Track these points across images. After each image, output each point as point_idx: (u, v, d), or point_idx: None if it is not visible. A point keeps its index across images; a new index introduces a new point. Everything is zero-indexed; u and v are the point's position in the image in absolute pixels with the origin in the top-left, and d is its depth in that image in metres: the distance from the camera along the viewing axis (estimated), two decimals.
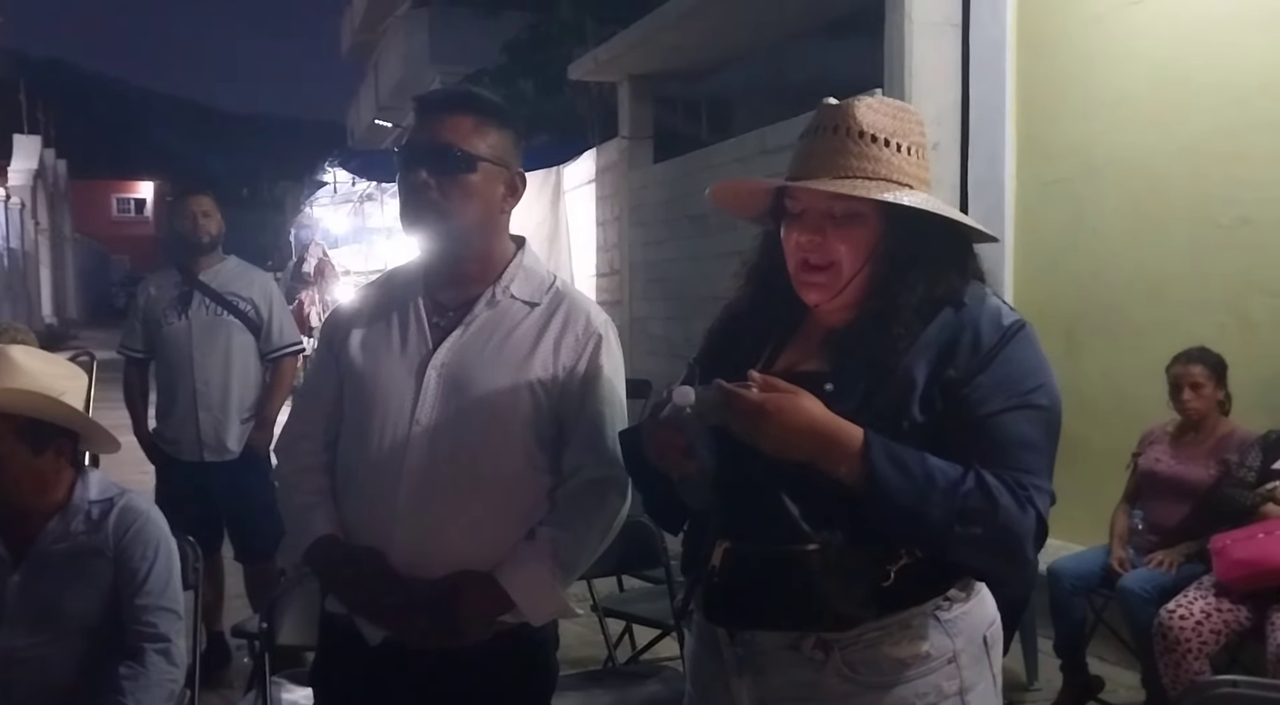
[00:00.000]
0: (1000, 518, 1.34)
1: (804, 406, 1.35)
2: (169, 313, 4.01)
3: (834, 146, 1.46)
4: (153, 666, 2.11)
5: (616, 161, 9.08)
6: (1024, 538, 1.36)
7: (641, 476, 1.60)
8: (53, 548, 2.14)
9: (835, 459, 1.35)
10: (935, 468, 1.34)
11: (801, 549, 1.39)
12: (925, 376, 1.40)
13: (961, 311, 1.44)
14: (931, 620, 1.44)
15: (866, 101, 1.48)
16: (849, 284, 1.47)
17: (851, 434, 1.35)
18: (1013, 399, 1.39)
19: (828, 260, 1.47)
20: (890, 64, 5.02)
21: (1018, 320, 1.45)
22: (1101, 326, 4.48)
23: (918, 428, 1.39)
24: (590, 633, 3.67)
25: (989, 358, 1.41)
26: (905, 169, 1.46)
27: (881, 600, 1.40)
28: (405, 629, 1.68)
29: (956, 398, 1.39)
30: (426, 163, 1.71)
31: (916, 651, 1.43)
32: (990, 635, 1.51)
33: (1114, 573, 3.68)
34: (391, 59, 19.97)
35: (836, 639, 1.43)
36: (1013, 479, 1.36)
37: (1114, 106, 4.41)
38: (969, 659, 1.47)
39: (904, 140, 1.47)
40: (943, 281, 1.45)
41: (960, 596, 1.47)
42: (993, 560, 1.41)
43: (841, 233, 1.46)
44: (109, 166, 53.47)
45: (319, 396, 1.86)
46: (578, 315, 1.79)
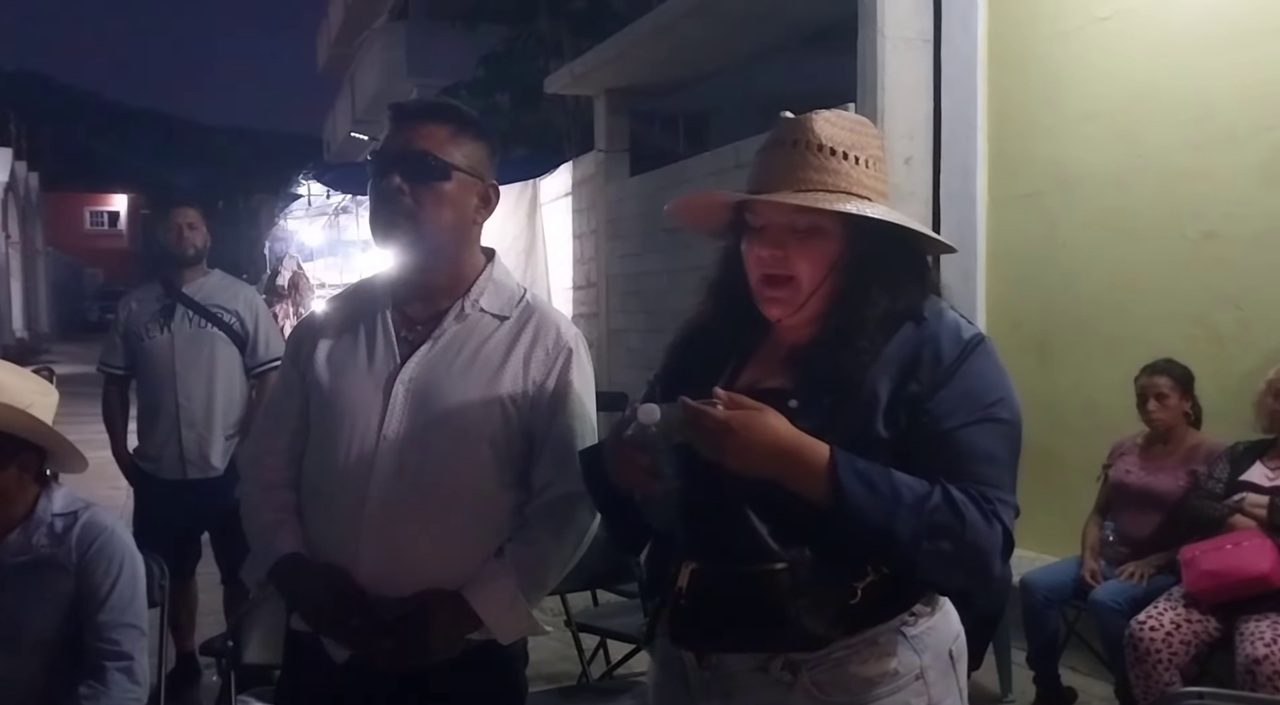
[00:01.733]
0: (968, 533, 1.34)
1: (769, 424, 1.35)
2: (150, 326, 3.90)
3: (794, 160, 1.46)
4: (114, 685, 2.07)
5: (593, 174, 9.10)
6: (991, 552, 1.36)
7: (601, 496, 1.58)
8: (12, 560, 2.10)
9: (801, 476, 1.35)
10: (902, 483, 1.34)
11: (770, 568, 1.38)
12: (888, 392, 1.40)
13: (922, 326, 1.44)
14: (898, 637, 1.44)
15: (824, 115, 1.48)
16: (810, 298, 1.47)
17: (818, 451, 1.35)
18: (975, 413, 1.40)
19: (789, 274, 1.46)
20: (863, 78, 5.05)
21: (977, 334, 1.46)
22: (1073, 339, 4.52)
23: (882, 443, 1.39)
24: (564, 648, 3.65)
25: (950, 372, 1.41)
26: (864, 182, 1.47)
27: (850, 619, 1.40)
28: (371, 649, 1.66)
29: (919, 413, 1.39)
30: (401, 169, 1.69)
31: (884, 669, 1.43)
32: (955, 649, 1.51)
33: (1086, 584, 3.70)
34: (368, 72, 19.93)
35: (804, 659, 1.42)
36: (978, 493, 1.36)
37: (1083, 121, 4.45)
38: (936, 675, 1.46)
39: (862, 153, 1.47)
40: (903, 295, 1.46)
41: (925, 611, 1.47)
42: (960, 576, 1.40)
43: (803, 247, 1.46)
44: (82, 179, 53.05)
45: (285, 412, 1.83)
46: (548, 329, 1.78)
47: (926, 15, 4.97)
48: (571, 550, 1.76)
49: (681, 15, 7.32)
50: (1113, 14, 4.34)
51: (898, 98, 4.93)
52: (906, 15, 4.96)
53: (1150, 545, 3.67)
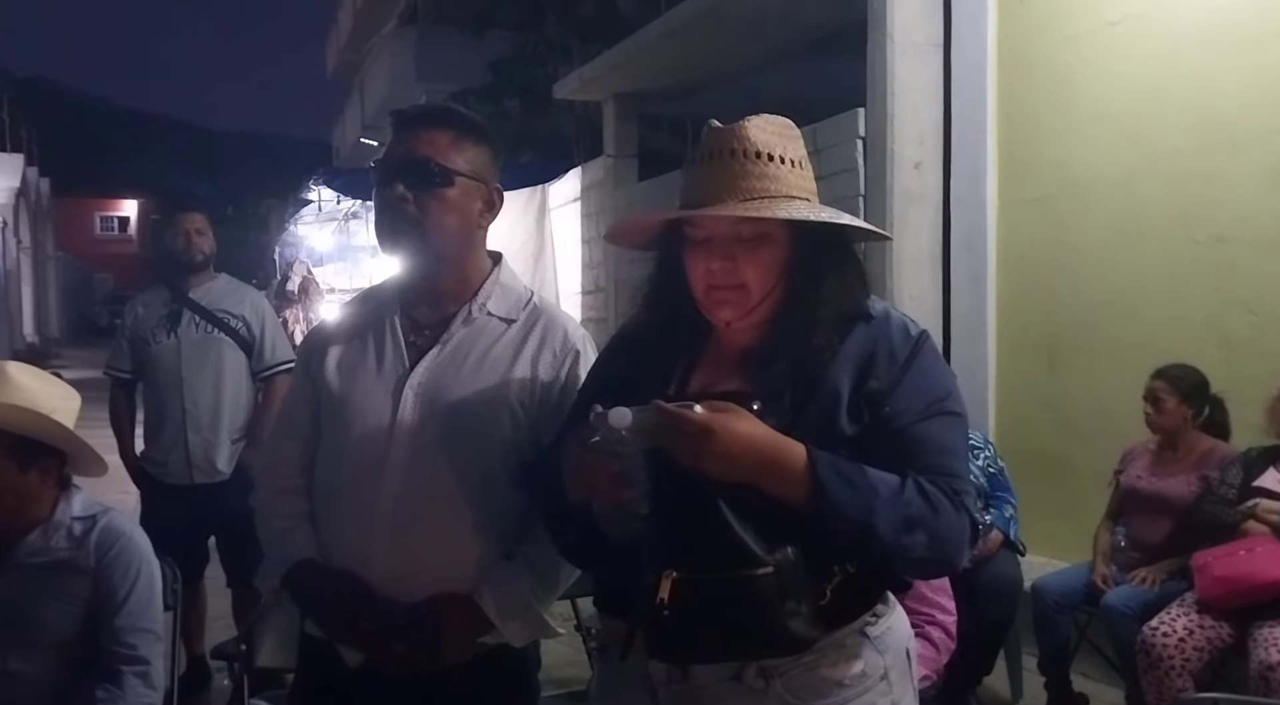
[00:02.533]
0: (941, 522, 1.36)
1: (747, 426, 1.35)
2: (157, 331, 3.91)
3: (733, 170, 1.45)
4: (130, 689, 2.08)
5: (601, 180, 9.11)
6: (963, 539, 1.39)
7: (547, 506, 1.56)
8: (30, 561, 2.12)
9: (780, 477, 1.35)
10: (877, 479, 1.36)
11: (755, 573, 1.36)
12: (849, 388, 1.42)
13: (871, 323, 1.48)
14: (862, 638, 1.46)
15: (755, 122, 1.48)
16: (760, 303, 1.48)
17: (795, 451, 1.35)
18: (932, 407, 1.43)
19: (738, 283, 1.46)
20: (873, 83, 5.05)
21: (922, 332, 1.50)
22: (1082, 343, 4.51)
23: (846, 439, 1.40)
24: (574, 652, 3.65)
25: (905, 368, 1.44)
26: (799, 184, 1.48)
27: (824, 620, 1.40)
28: (384, 653, 1.67)
29: (881, 407, 1.42)
30: (403, 177, 1.70)
31: (852, 671, 1.44)
32: (910, 648, 1.54)
33: (1097, 590, 3.69)
34: (377, 78, 19.98)
35: (777, 666, 1.42)
36: (945, 484, 1.39)
37: (1093, 125, 4.45)
38: (897, 674, 1.49)
39: (793, 155, 1.49)
40: (849, 294, 1.48)
41: (884, 611, 1.50)
42: (933, 565, 1.44)
43: (752, 255, 1.46)
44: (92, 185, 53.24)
45: (296, 419, 1.84)
46: (555, 331, 1.79)
47: (936, 20, 4.97)
48: None
49: (690, 20, 7.33)
50: (1122, 18, 4.34)
51: (907, 102, 4.93)
52: (916, 20, 4.96)
53: (1162, 551, 3.66)
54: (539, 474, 1.56)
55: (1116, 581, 3.69)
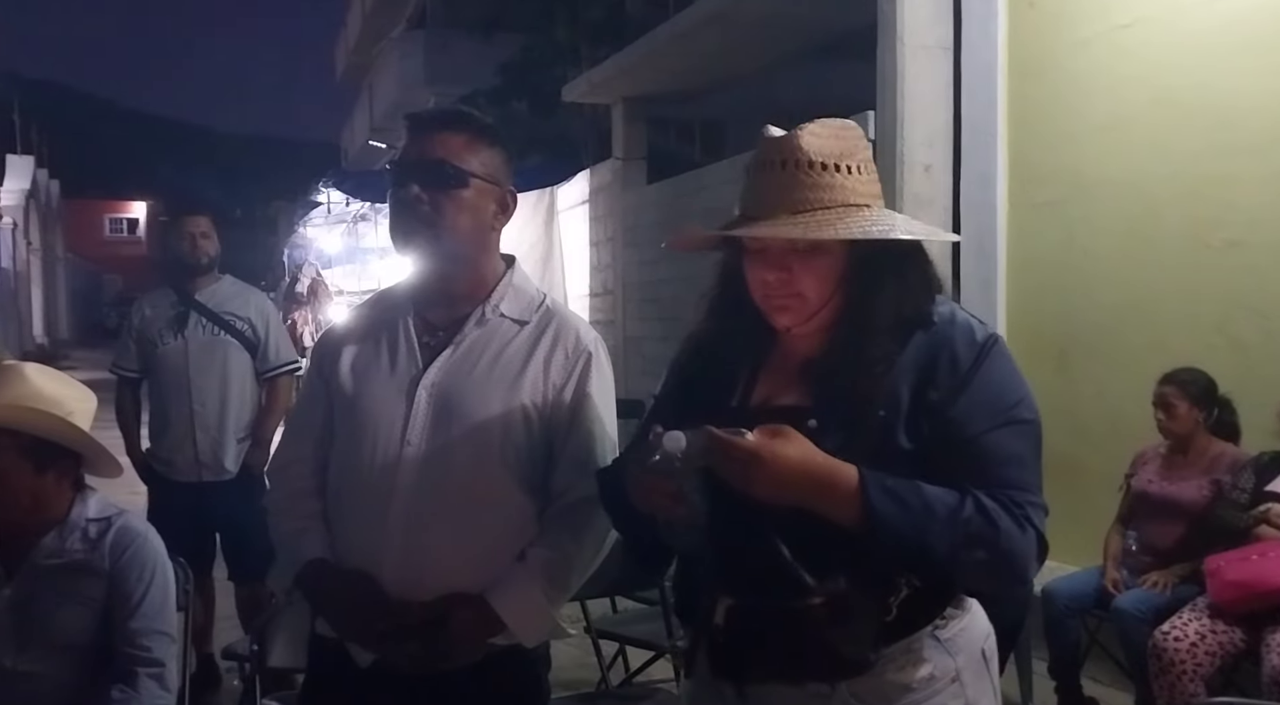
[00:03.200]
0: (1002, 541, 1.33)
1: (798, 451, 1.33)
2: (165, 333, 3.96)
3: (786, 181, 1.43)
4: (145, 691, 2.09)
5: (610, 182, 9.12)
6: (1027, 556, 1.36)
7: (621, 517, 1.57)
8: (46, 563, 2.13)
9: (832, 501, 1.33)
10: (933, 497, 1.33)
11: (807, 603, 1.37)
12: (908, 401, 1.40)
13: (932, 331, 1.44)
14: (932, 641, 1.44)
15: (810, 129, 1.45)
16: (819, 311, 1.46)
17: (846, 474, 1.33)
18: (998, 417, 1.39)
19: (794, 292, 1.45)
20: (883, 86, 5.05)
21: (991, 335, 1.45)
22: (1094, 347, 4.49)
23: (906, 455, 1.38)
24: (583, 655, 3.65)
25: (969, 377, 1.40)
26: (859, 189, 1.45)
27: (887, 635, 1.40)
28: (396, 653, 1.67)
29: (942, 420, 1.39)
30: (419, 177, 1.71)
31: (921, 675, 1.43)
32: (988, 648, 1.51)
33: (1108, 594, 3.68)
34: (386, 80, 20.03)
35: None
36: (1008, 499, 1.35)
37: (1105, 129, 4.44)
38: (971, 675, 1.46)
39: (852, 160, 1.45)
40: (910, 301, 1.45)
41: (956, 613, 1.47)
42: (997, 582, 1.41)
43: (807, 265, 1.44)
44: (102, 187, 53.46)
45: (309, 420, 1.85)
46: (567, 333, 1.79)
47: (946, 23, 4.97)
48: (593, 554, 1.76)
49: (699, 23, 7.34)
50: (1134, 21, 4.32)
51: (917, 105, 4.93)
52: (926, 23, 4.95)
53: (1174, 555, 3.64)
54: (610, 482, 1.55)
55: (1127, 585, 3.68)
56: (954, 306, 1.49)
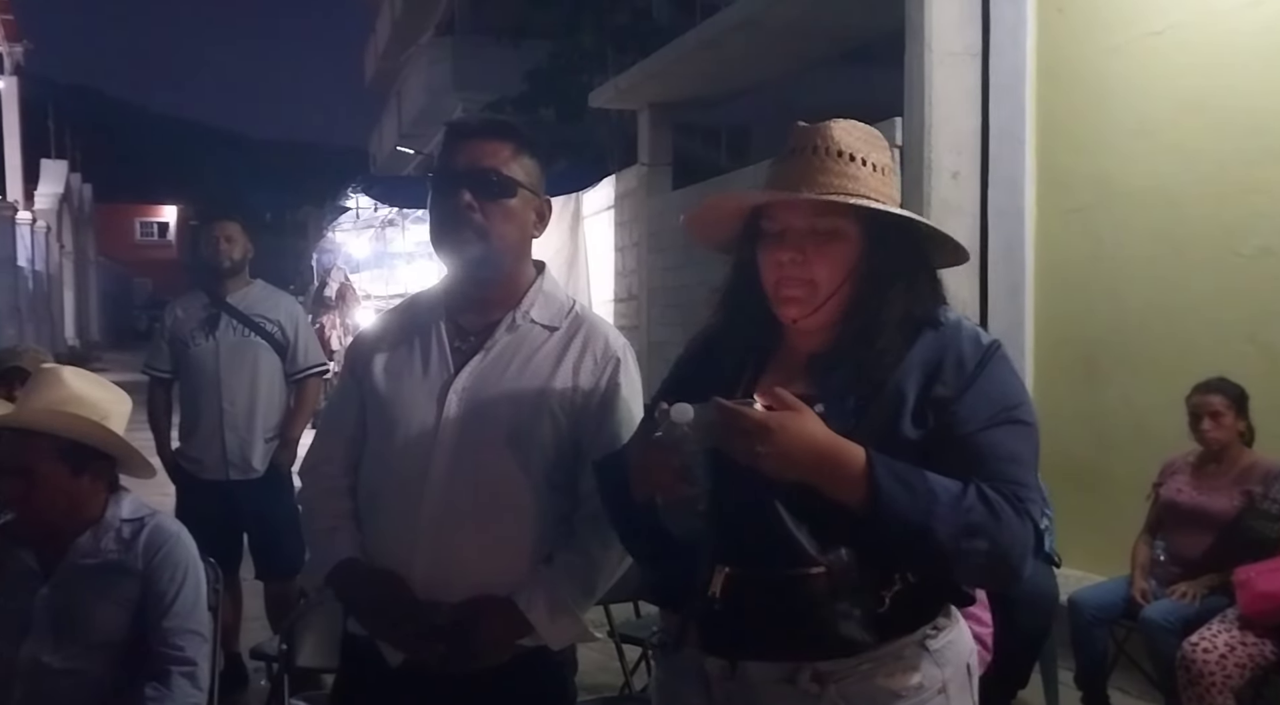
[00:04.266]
0: (1003, 530, 1.35)
1: (806, 425, 1.35)
2: (196, 334, 4.05)
3: (813, 165, 1.47)
4: (178, 689, 2.12)
5: (635, 188, 9.14)
6: (1025, 549, 1.38)
7: (617, 506, 1.58)
8: (82, 563, 2.17)
9: (838, 479, 1.35)
10: (937, 484, 1.35)
11: (807, 573, 1.38)
12: (915, 394, 1.42)
13: (941, 331, 1.47)
14: (921, 650, 1.45)
15: (840, 124, 1.51)
16: (827, 301, 1.48)
17: (854, 453, 1.35)
18: (1000, 414, 1.42)
19: (807, 277, 1.47)
20: (910, 92, 5.04)
21: (995, 341, 1.49)
22: (1122, 355, 4.47)
23: (910, 444, 1.40)
24: (607, 659, 3.66)
25: (974, 376, 1.43)
26: (879, 188, 1.49)
27: (879, 627, 1.40)
28: (425, 653, 1.69)
29: (947, 414, 1.41)
30: (470, 186, 1.73)
31: (909, 683, 1.43)
32: (972, 664, 1.53)
33: (1136, 604, 3.65)
34: (414, 87, 20.18)
35: (832, 671, 1.42)
36: (1009, 491, 1.37)
37: (1134, 135, 4.41)
38: (956, 688, 1.48)
39: (875, 161, 1.50)
40: (920, 300, 1.48)
41: (946, 624, 1.48)
42: (995, 574, 1.42)
43: (822, 250, 1.47)
44: (133, 191, 54.04)
45: (342, 420, 1.87)
46: (596, 339, 1.81)
47: (974, 29, 4.95)
48: (619, 558, 1.77)
49: (726, 30, 7.35)
50: (1166, 28, 4.30)
51: (945, 111, 4.91)
52: (954, 29, 4.94)
53: (1203, 565, 3.60)
54: (608, 472, 1.57)
55: (1156, 596, 3.65)
56: (960, 315, 1.53)
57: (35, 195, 24.84)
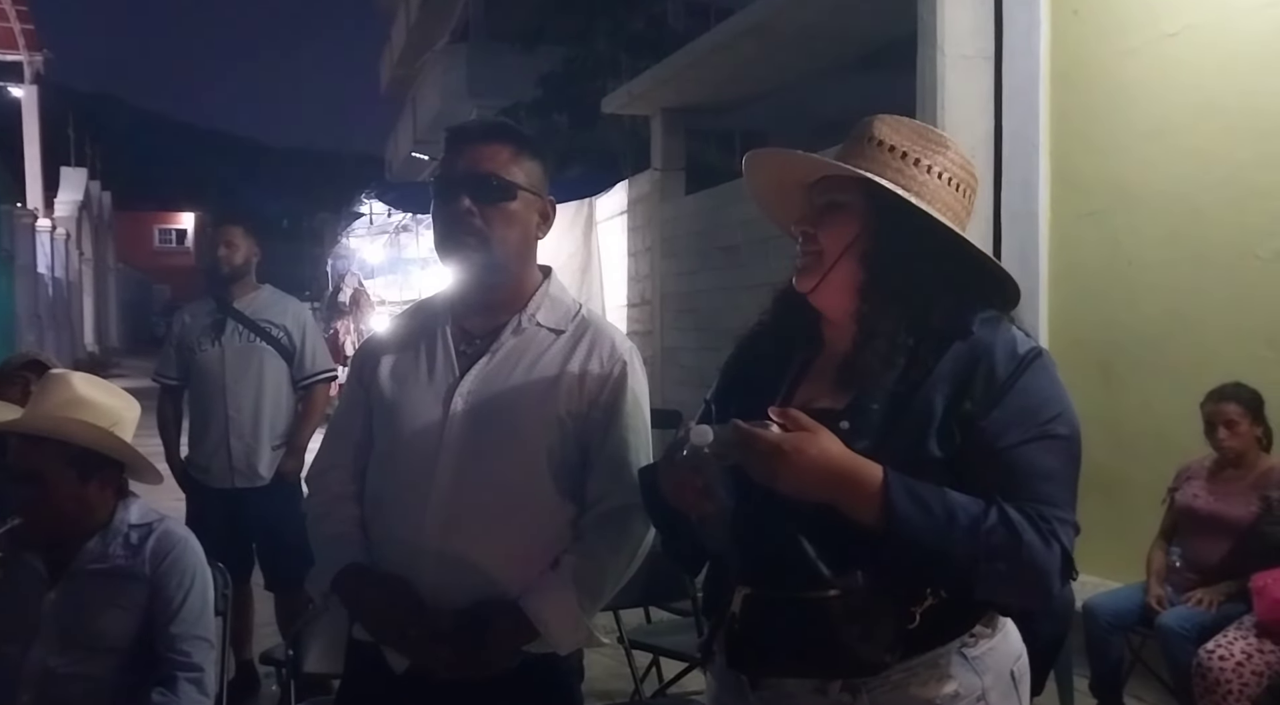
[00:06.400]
0: (1024, 554, 1.32)
1: (822, 446, 1.33)
2: (202, 340, 4.04)
3: (844, 149, 1.52)
4: (185, 695, 2.12)
5: (649, 193, 9.14)
6: (1049, 572, 1.34)
7: (659, 515, 1.58)
8: (89, 567, 2.17)
9: (854, 499, 1.33)
10: (957, 504, 1.32)
11: (822, 596, 1.37)
12: (942, 410, 1.39)
13: (971, 341, 1.42)
14: (958, 658, 1.42)
15: (886, 118, 1.53)
16: (831, 271, 1.48)
17: (871, 473, 1.33)
18: (1031, 430, 1.38)
19: (816, 248, 1.50)
20: (922, 96, 5.01)
21: (1033, 349, 1.43)
22: (1138, 360, 4.42)
23: (936, 463, 1.37)
24: (617, 665, 3.65)
25: (1005, 389, 1.39)
26: (917, 177, 1.48)
27: (907, 642, 1.38)
28: (431, 658, 1.68)
29: (974, 431, 1.38)
30: (469, 191, 1.73)
31: (945, 691, 1.41)
32: (1017, 670, 1.49)
33: (1152, 610, 3.61)
34: (429, 93, 20.26)
35: (864, 681, 1.41)
36: (1035, 512, 1.34)
37: (1150, 138, 4.38)
38: (998, 696, 1.45)
39: (921, 156, 1.49)
40: (937, 307, 1.43)
41: (986, 632, 1.45)
42: (1019, 596, 1.39)
43: (825, 219, 1.50)
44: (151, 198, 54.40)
45: (349, 426, 1.87)
46: (603, 342, 1.80)
47: (987, 33, 4.92)
48: (627, 562, 1.77)
49: (739, 34, 7.35)
50: (1181, 29, 4.27)
51: (958, 115, 4.89)
52: (967, 33, 4.92)
53: (1219, 572, 3.57)
54: (650, 481, 1.55)
55: (1172, 602, 3.61)
56: (1004, 320, 1.47)
57: (55, 203, 25.02)
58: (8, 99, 21.62)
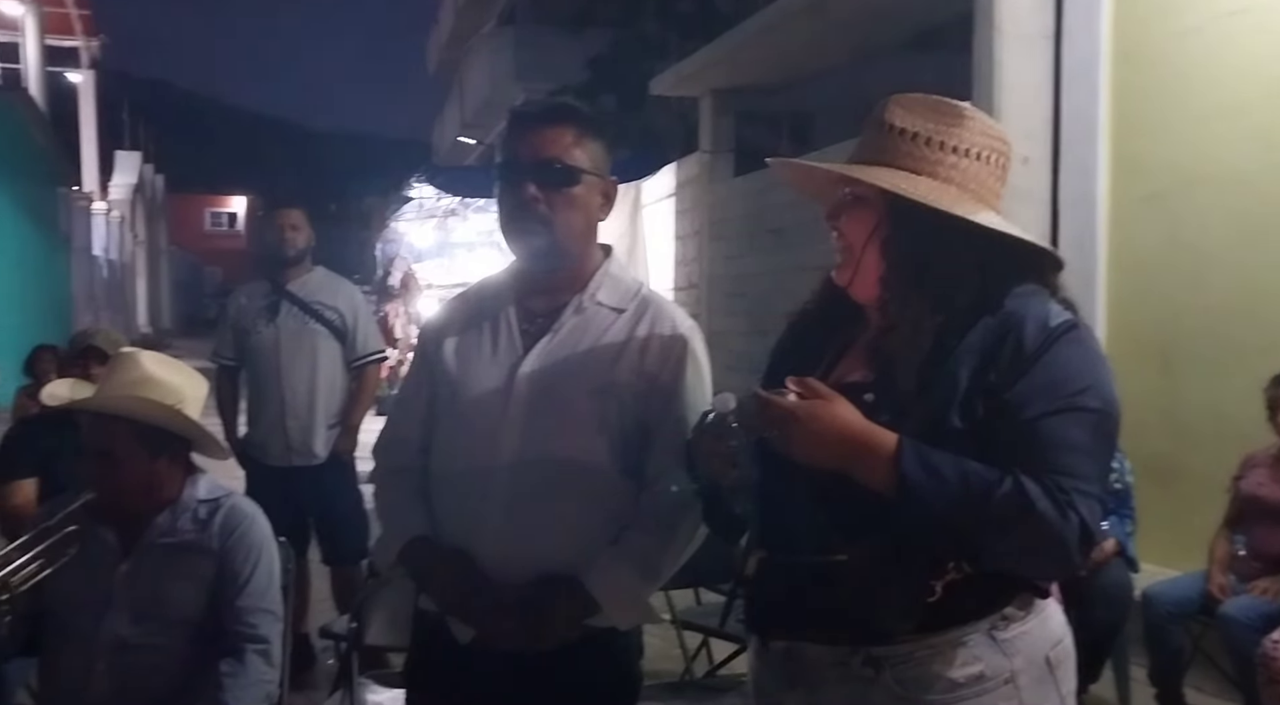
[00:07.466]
0: (1035, 522, 1.31)
1: (836, 413, 1.35)
2: (258, 321, 4.10)
3: (861, 140, 1.53)
4: (252, 666, 2.16)
5: (697, 175, 9.11)
6: (1065, 542, 1.32)
7: (700, 487, 1.60)
8: (160, 542, 2.22)
9: (866, 466, 1.35)
10: (970, 472, 1.32)
11: (831, 559, 1.40)
12: (966, 383, 1.39)
13: (1001, 316, 1.41)
14: (986, 639, 1.41)
15: (900, 98, 1.52)
16: (859, 263, 1.50)
17: (884, 440, 1.35)
18: (1056, 402, 1.36)
19: (845, 243, 1.52)
20: (979, 77, 4.94)
21: (1066, 321, 1.41)
22: (1199, 347, 4.35)
23: (958, 434, 1.37)
24: (667, 646, 3.66)
25: (1032, 361, 1.38)
26: (931, 158, 1.47)
27: (926, 615, 1.39)
28: (493, 629, 1.71)
29: (997, 402, 1.37)
30: (534, 176, 1.73)
31: (970, 672, 1.40)
32: (1054, 655, 1.46)
33: (1213, 599, 3.56)
34: (477, 76, 20.32)
35: (885, 656, 1.41)
36: (1053, 483, 1.32)
37: (1213, 120, 4.28)
38: (1029, 680, 1.43)
39: (936, 135, 1.47)
40: (963, 287, 1.42)
41: (1019, 616, 1.44)
42: (1033, 566, 1.39)
43: (849, 215, 1.52)
44: (203, 182, 55.26)
45: (414, 402, 1.90)
46: (663, 320, 1.80)
47: (1047, 11, 4.84)
48: (686, 540, 1.78)
49: (791, 15, 7.29)
50: (1244, 8, 4.17)
51: (1015, 96, 4.81)
52: (1026, 11, 4.84)
53: None
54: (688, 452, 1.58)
55: (1235, 591, 3.56)
56: (1042, 293, 1.45)
57: (110, 186, 25.48)
58: (65, 84, 22.01)
